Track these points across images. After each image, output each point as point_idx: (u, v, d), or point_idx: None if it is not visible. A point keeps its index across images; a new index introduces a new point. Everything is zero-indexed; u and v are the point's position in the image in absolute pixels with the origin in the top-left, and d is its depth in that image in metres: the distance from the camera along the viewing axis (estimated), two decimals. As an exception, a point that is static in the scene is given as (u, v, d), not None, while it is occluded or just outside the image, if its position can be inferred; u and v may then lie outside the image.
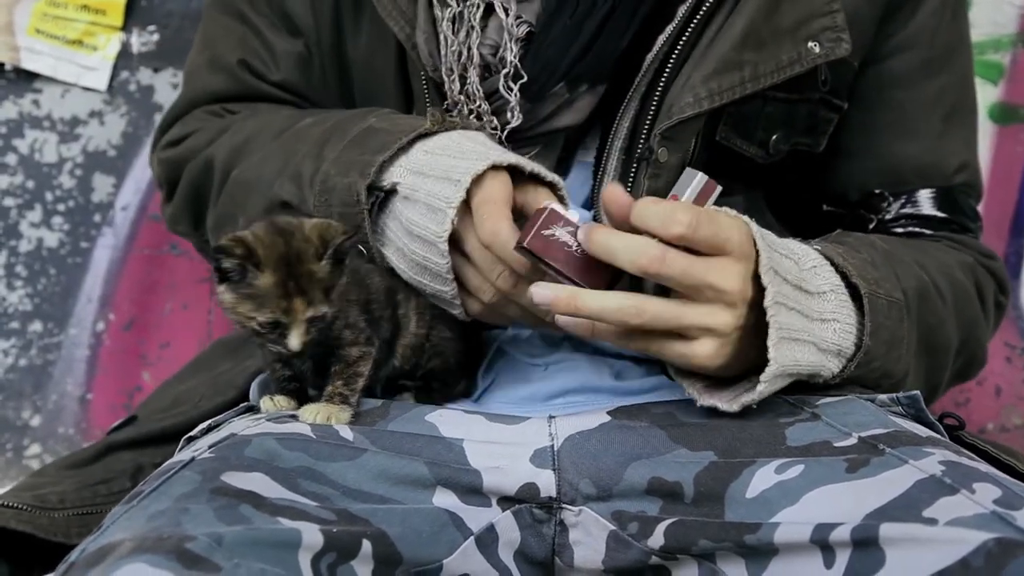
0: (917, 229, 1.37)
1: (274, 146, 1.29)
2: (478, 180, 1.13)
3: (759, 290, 1.09)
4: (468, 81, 1.24)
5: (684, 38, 1.24)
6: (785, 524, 1.00)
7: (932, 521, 0.93)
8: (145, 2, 1.80)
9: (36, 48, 1.79)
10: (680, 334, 1.09)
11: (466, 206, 1.14)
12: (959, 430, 1.18)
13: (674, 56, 1.24)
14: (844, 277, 1.17)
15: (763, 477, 1.06)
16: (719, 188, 1.11)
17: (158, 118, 1.82)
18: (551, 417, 1.17)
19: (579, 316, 1.09)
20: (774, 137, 1.29)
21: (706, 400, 1.14)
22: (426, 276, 1.17)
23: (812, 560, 0.97)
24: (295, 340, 1.08)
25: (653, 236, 1.06)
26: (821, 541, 0.96)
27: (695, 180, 1.11)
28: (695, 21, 1.23)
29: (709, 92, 1.22)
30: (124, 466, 1.29)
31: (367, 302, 1.16)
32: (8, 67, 1.79)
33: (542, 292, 1.08)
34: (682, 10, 1.24)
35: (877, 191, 1.37)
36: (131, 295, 1.85)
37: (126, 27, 1.80)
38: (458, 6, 1.24)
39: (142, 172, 1.83)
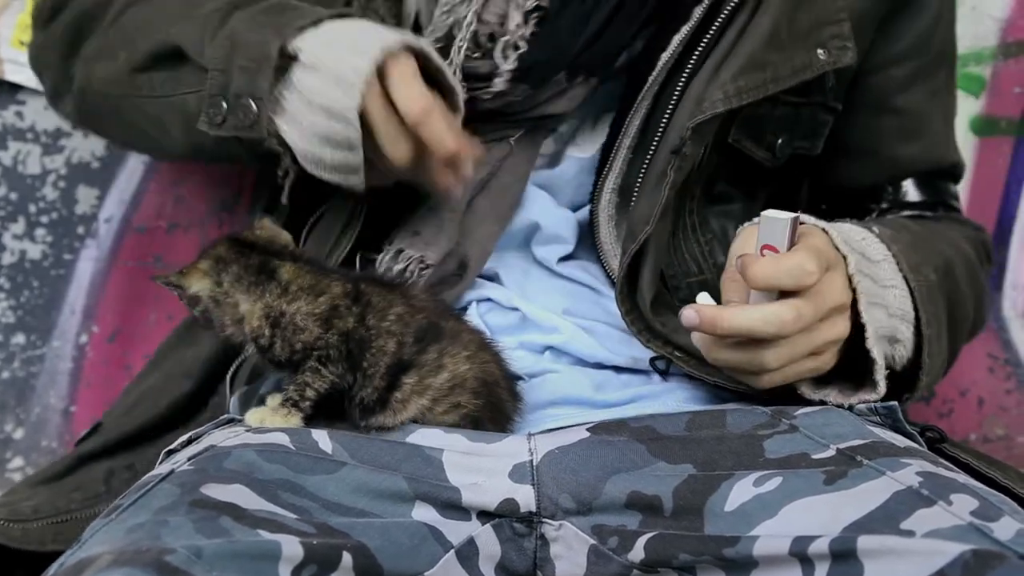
0: (916, 212, 1.42)
1: None
2: (390, 56, 1.11)
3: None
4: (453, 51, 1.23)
5: (707, 36, 1.25)
6: (764, 537, 1.00)
7: (909, 533, 0.94)
8: (129, 14, 1.80)
9: (19, 60, 1.78)
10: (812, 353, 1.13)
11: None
12: (940, 443, 1.19)
13: (696, 54, 1.25)
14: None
15: (741, 490, 1.06)
16: (799, 216, 1.13)
17: (142, 130, 1.82)
18: (530, 434, 1.18)
19: (717, 333, 1.10)
20: (779, 141, 1.32)
21: (850, 399, 1.18)
22: (327, 147, 1.13)
23: (791, 572, 0.97)
24: None
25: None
26: (800, 553, 0.97)
27: (784, 225, 1.10)
28: (718, 21, 1.25)
29: (737, 90, 1.23)
30: (96, 474, 1.30)
31: (346, 337, 1.15)
32: (-9, 79, 1.79)
33: (687, 313, 1.10)
34: (698, 11, 1.25)
35: (880, 184, 1.42)
36: (115, 307, 1.84)
37: (110, 39, 1.80)
38: None
39: (126, 184, 1.83)
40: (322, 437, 1.11)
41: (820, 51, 1.27)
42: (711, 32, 1.25)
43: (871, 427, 1.14)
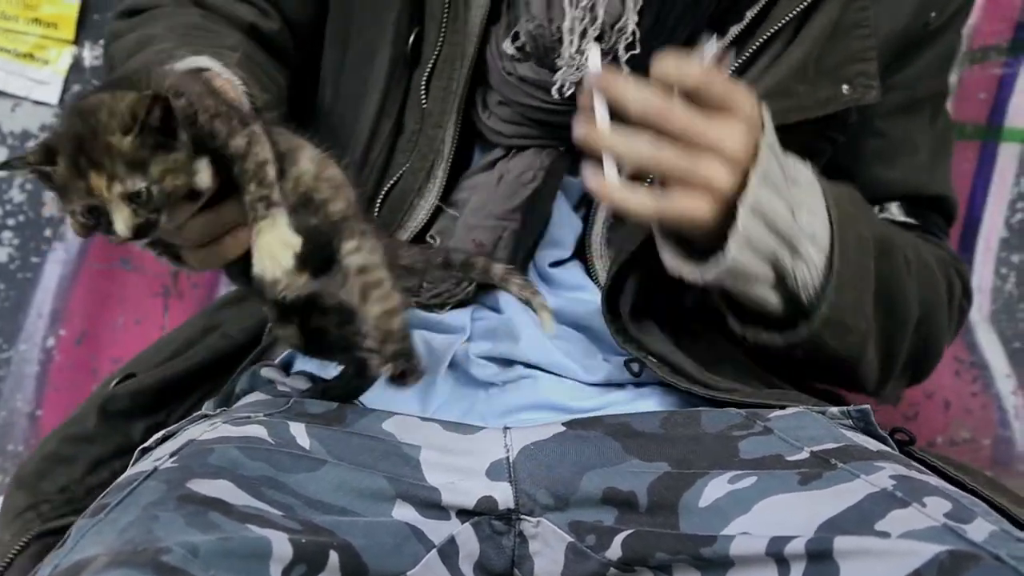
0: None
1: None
2: None
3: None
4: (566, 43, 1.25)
5: (749, 51, 1.27)
6: (740, 537, 1.01)
7: (885, 534, 0.95)
8: (97, 16, 1.79)
9: (-14, 62, 1.77)
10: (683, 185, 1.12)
11: None
12: (909, 445, 1.20)
13: (739, 61, 1.28)
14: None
15: (716, 487, 1.07)
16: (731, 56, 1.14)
17: (110, 132, 1.82)
18: (506, 428, 1.18)
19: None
20: None
21: (677, 266, 1.18)
22: None
23: (767, 572, 0.98)
24: (119, 223, 0.97)
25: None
26: (776, 554, 0.98)
27: (707, 45, 1.12)
28: (765, 37, 1.27)
29: None
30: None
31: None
32: (-42, 80, 1.78)
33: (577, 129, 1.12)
34: (749, 14, 1.28)
35: None
36: (82, 310, 1.84)
37: (78, 41, 1.79)
38: None
39: (94, 186, 1.82)
40: (300, 432, 1.12)
41: (845, 86, 1.28)
42: (754, 47, 1.27)
43: (844, 431, 1.15)
